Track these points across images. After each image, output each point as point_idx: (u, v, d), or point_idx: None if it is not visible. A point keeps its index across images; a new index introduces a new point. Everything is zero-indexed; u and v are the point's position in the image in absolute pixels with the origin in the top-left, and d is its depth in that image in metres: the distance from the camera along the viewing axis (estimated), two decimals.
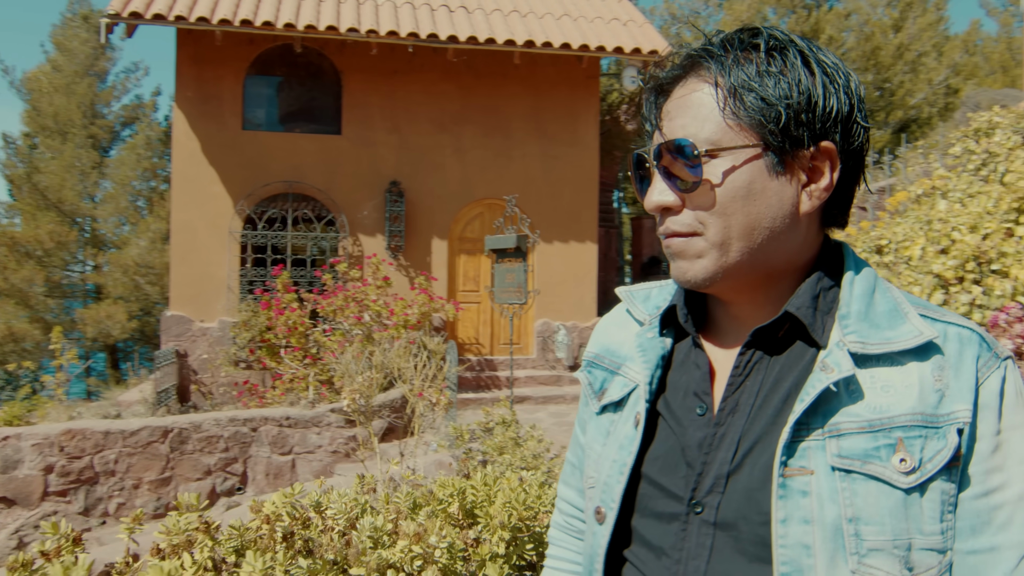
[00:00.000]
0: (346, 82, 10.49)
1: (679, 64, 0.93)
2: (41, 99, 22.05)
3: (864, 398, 0.86)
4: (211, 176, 10.01)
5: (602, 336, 1.13)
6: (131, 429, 8.18)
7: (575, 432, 1.20)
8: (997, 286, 5.87)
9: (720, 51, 0.90)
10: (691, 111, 0.89)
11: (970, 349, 0.88)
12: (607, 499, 0.97)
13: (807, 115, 0.87)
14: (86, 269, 23.22)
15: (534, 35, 10.20)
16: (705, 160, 0.88)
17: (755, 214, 0.88)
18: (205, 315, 9.89)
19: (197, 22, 9.18)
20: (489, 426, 5.77)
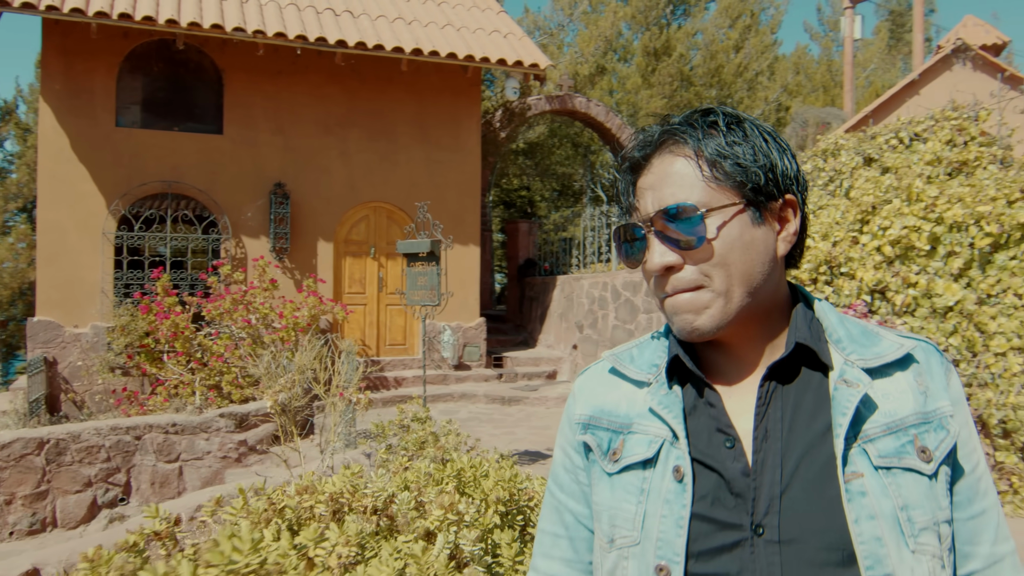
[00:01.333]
0: (227, 81, 10.29)
1: (651, 142, 1.05)
2: None
3: (877, 407, 1.00)
4: (82, 174, 9.53)
5: (591, 398, 1.16)
6: (3, 442, 7.73)
7: (555, 499, 1.19)
8: (846, 286, 6.79)
9: (687, 128, 1.03)
10: (675, 180, 1.01)
11: (934, 357, 1.05)
12: (668, 554, 1.00)
13: (771, 174, 1.02)
14: None
15: (421, 43, 10.46)
16: (702, 219, 0.99)
17: (749, 260, 1.00)
18: (76, 320, 9.40)
19: (71, 13, 8.74)
20: (404, 423, 6.00)
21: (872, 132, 7.91)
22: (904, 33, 29.48)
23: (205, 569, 1.45)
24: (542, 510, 1.23)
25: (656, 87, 20.60)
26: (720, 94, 22.79)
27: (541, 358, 11.54)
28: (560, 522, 1.18)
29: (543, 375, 11.13)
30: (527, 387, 10.46)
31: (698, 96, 21.67)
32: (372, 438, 6.20)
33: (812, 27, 31.41)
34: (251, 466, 8.78)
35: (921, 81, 14.45)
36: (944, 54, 14.16)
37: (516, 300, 14.14)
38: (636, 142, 1.07)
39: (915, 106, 14.02)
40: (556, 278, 12.30)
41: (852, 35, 17.95)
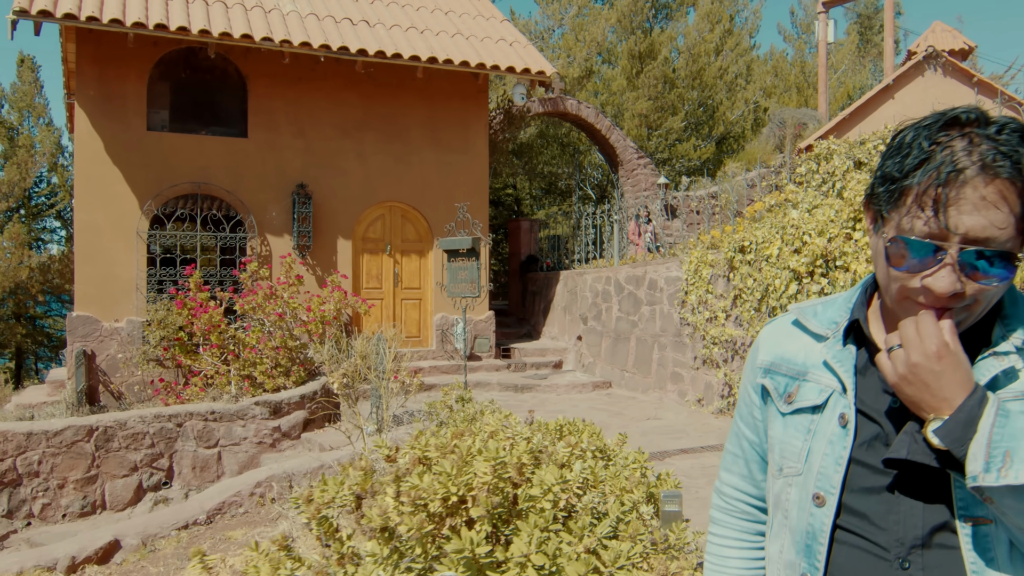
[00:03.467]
0: (251, 87, 10.81)
1: (980, 160, 1.02)
2: None
3: (1019, 379, 1.07)
4: (116, 176, 10.00)
5: (773, 346, 1.33)
6: (54, 429, 8.20)
7: (736, 427, 1.41)
8: (840, 278, 7.55)
9: (1013, 153, 1.02)
10: (991, 214, 1.01)
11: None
12: (826, 485, 1.16)
13: None
14: None
15: (435, 52, 11.06)
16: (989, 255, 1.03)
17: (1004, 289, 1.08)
18: (113, 315, 9.88)
19: (110, 23, 9.22)
20: (447, 403, 6.63)
21: (861, 138, 8.66)
22: (873, 35, 30.59)
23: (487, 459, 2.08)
24: (728, 435, 1.45)
25: (641, 89, 21.36)
26: (702, 96, 23.61)
27: (547, 349, 12.21)
28: (739, 446, 1.41)
29: (550, 365, 11.81)
30: (536, 376, 11.12)
31: (681, 98, 22.47)
32: (423, 417, 6.80)
33: (786, 29, 32.49)
34: (284, 451, 9.33)
35: (895, 86, 15.33)
36: (916, 60, 15.06)
37: (519, 295, 14.80)
38: (952, 148, 1.04)
39: (890, 109, 14.92)
40: (559, 273, 12.98)
41: (826, 39, 18.79)
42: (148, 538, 6.50)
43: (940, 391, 1.04)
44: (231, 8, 10.53)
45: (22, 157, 21.26)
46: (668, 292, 9.75)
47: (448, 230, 9.31)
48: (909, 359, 1.06)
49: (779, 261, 8.34)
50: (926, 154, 1.04)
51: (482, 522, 2.21)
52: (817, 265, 7.82)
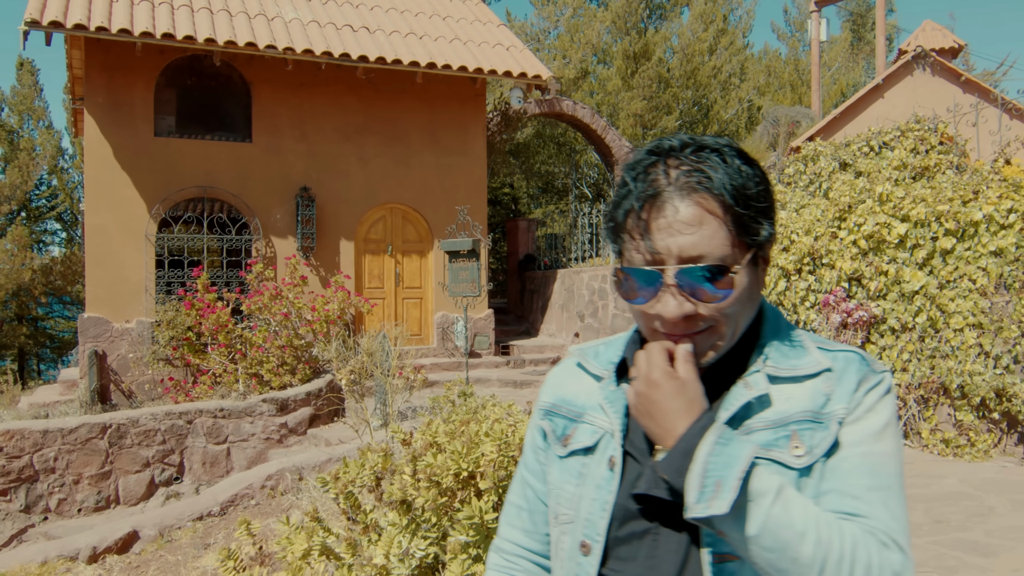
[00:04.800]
0: (255, 93, 11.10)
1: (669, 180, 1.04)
2: None
3: (772, 406, 1.07)
4: (124, 180, 10.28)
5: (557, 388, 1.28)
6: (69, 427, 8.48)
7: (521, 475, 1.32)
8: (827, 275, 7.87)
9: (710, 170, 1.03)
10: (697, 231, 1.02)
11: (853, 365, 1.09)
12: (592, 533, 1.12)
13: (774, 218, 1.07)
14: None
15: (434, 57, 11.35)
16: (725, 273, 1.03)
17: (750, 306, 1.08)
18: (123, 316, 10.17)
19: (119, 33, 9.49)
20: (450, 398, 6.93)
21: (846, 140, 8.99)
22: (865, 32, 30.92)
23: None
24: (511, 484, 1.36)
25: (636, 89, 21.66)
26: (696, 95, 23.91)
27: (545, 346, 12.52)
28: (523, 496, 1.31)
29: (548, 361, 12.11)
30: (535, 372, 11.43)
31: (675, 97, 22.78)
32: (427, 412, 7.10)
33: (779, 27, 32.79)
34: (291, 447, 9.62)
35: (885, 85, 15.63)
36: (905, 60, 15.37)
37: (517, 293, 15.11)
38: (647, 175, 1.05)
39: (880, 108, 15.23)
40: (556, 272, 13.29)
41: (819, 37, 19.07)
42: (165, 529, 6.79)
43: (663, 420, 1.02)
44: (235, 16, 10.82)
45: (23, 160, 21.49)
46: None
47: (449, 231, 9.61)
48: (636, 388, 1.06)
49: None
50: (630, 187, 1.06)
51: (489, 493, 2.51)
52: (804, 263, 8.13)
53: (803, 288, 8.11)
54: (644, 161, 1.07)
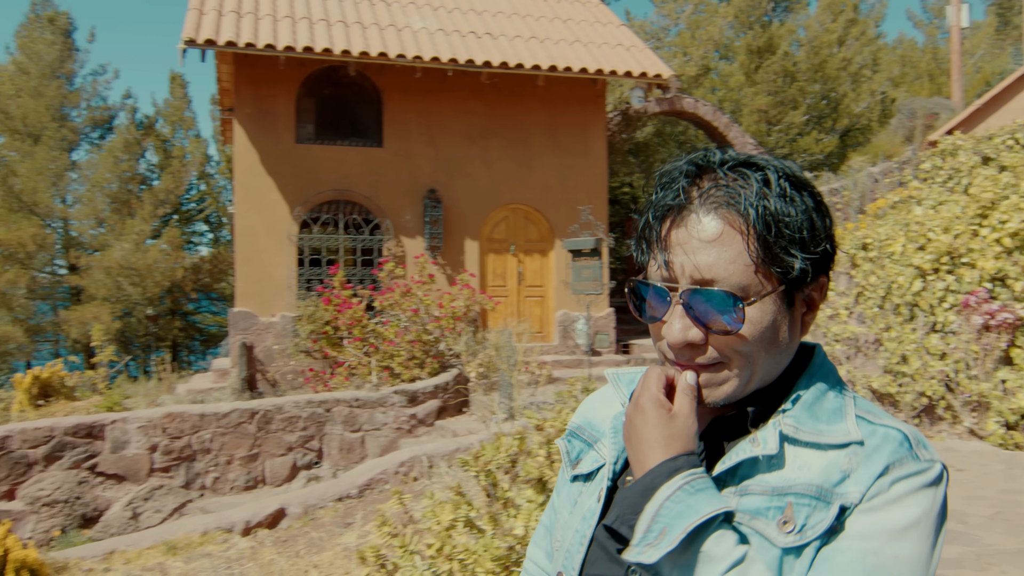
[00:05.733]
0: (386, 100, 11.69)
1: (695, 191, 0.94)
2: (7, 101, 21.98)
3: (782, 470, 0.93)
4: (269, 185, 11.08)
5: (587, 410, 1.20)
6: (223, 412, 9.23)
7: (553, 497, 1.24)
8: (967, 275, 7.54)
9: (737, 187, 0.92)
10: (718, 253, 0.91)
11: (889, 445, 0.92)
12: (568, 566, 1.05)
13: (815, 255, 0.93)
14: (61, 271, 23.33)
15: (555, 60, 11.59)
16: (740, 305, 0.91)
17: (774, 349, 0.94)
18: (269, 310, 10.97)
19: (265, 48, 10.26)
20: (573, 393, 7.13)
21: (989, 133, 8.54)
22: (1013, 16, 28.85)
23: None
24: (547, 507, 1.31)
25: (760, 84, 21.14)
26: (824, 88, 23.07)
27: None
28: (548, 515, 1.24)
29: None
30: None
31: (802, 92, 22.07)
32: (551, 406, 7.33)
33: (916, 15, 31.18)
34: (420, 436, 10.08)
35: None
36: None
37: None
38: (675, 184, 0.96)
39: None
40: None
41: (959, 24, 18.04)
42: (309, 508, 7.33)
43: (639, 449, 0.95)
44: (367, 28, 11.43)
45: (175, 167, 23.30)
46: None
47: (571, 231, 9.82)
48: (627, 411, 1.00)
49: (902, 258, 8.35)
50: (658, 195, 0.98)
51: None
52: (942, 262, 7.81)
53: (941, 289, 7.80)
54: (677, 170, 0.97)
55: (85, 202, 21.60)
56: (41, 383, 9.21)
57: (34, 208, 21.09)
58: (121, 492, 8.75)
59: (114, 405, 9.17)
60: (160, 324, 22.59)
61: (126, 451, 8.82)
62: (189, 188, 25.25)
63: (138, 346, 22.22)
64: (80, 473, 8.50)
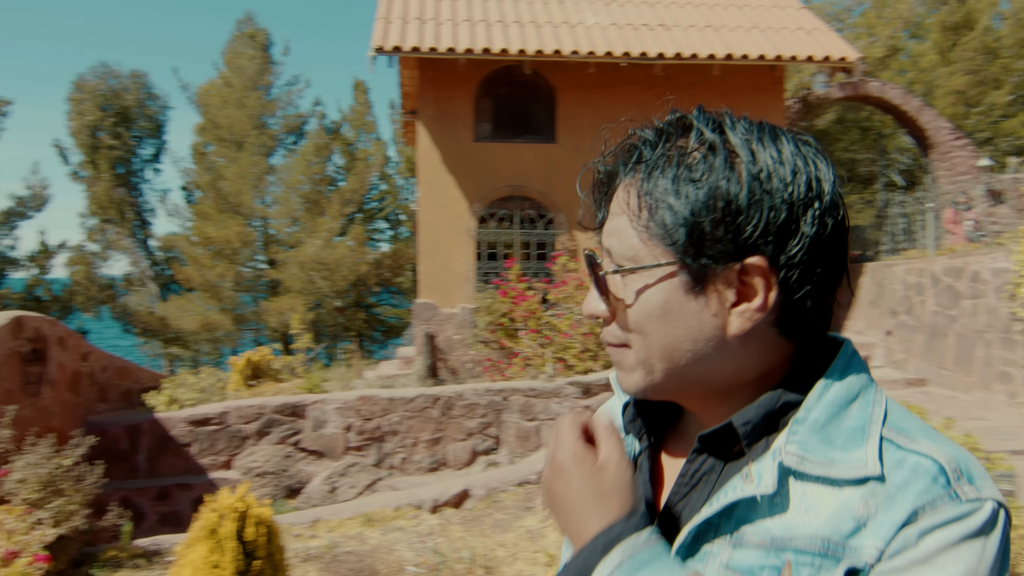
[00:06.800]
0: (560, 96, 11.90)
1: (619, 159, 0.88)
2: (215, 112, 24.21)
3: (785, 512, 0.76)
4: (450, 182, 11.62)
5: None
6: (409, 396, 9.78)
7: None
8: None
9: (651, 149, 0.84)
10: (620, 220, 0.83)
11: (918, 481, 0.73)
12: None
13: (725, 229, 0.77)
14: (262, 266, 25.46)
15: (731, 48, 11.30)
16: (619, 276, 0.83)
17: (673, 336, 0.80)
18: (449, 302, 11.52)
19: (447, 52, 10.76)
20: None
21: None
22: None
23: None
24: None
25: (956, 63, 19.48)
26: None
27: None
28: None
29: None
30: None
31: (1006, 69, 20.11)
32: None
33: None
34: None
35: None
36: None
37: None
38: (609, 154, 0.91)
39: None
40: (863, 265, 12.52)
41: None
42: (491, 491, 7.66)
43: (569, 520, 0.81)
44: (541, 27, 11.67)
45: (359, 168, 24.84)
46: (994, 285, 9.09)
47: None
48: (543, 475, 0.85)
49: None
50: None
51: None
52: None
53: None
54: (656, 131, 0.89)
55: (281, 202, 23.49)
56: (253, 365, 10.20)
57: (238, 209, 23.22)
58: (320, 467, 9.51)
59: (313, 387, 9.97)
60: (346, 315, 24.22)
61: (324, 430, 9.56)
62: (371, 188, 26.82)
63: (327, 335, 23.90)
64: (286, 448, 9.33)
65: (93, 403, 9.51)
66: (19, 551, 3.42)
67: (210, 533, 3.26)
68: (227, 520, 3.29)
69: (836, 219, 0.81)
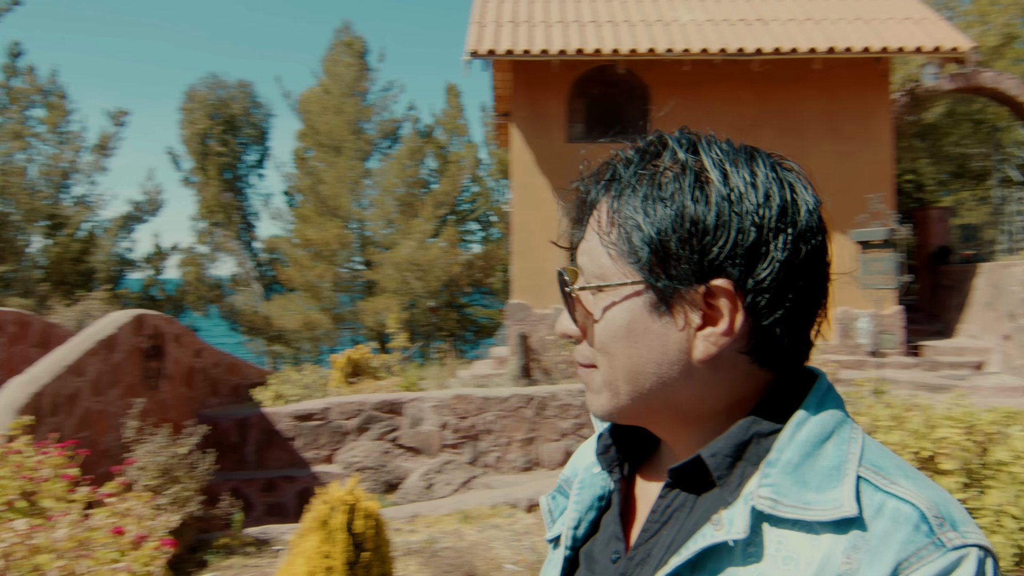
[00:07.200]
0: (653, 95, 11.79)
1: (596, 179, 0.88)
2: (314, 119, 25.03)
3: (760, 562, 0.72)
4: (543, 184, 11.68)
5: (577, 458, 1.01)
6: (503, 396, 9.88)
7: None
8: None
9: (626, 168, 0.84)
10: (592, 239, 0.84)
11: (900, 530, 0.69)
12: None
13: (689, 249, 0.76)
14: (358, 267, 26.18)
15: (833, 41, 10.92)
16: (586, 294, 0.82)
17: (637, 357, 0.79)
18: (542, 303, 11.58)
19: (540, 54, 10.83)
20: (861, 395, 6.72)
21: None
22: None
23: None
24: None
25: None
26: None
27: (964, 348, 11.29)
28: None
29: (968, 365, 10.91)
30: (953, 376, 10.38)
31: None
32: None
33: None
34: None
35: None
36: None
37: (928, 289, 13.80)
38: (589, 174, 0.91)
39: None
40: (976, 266, 11.87)
41: None
42: None
43: None
44: (635, 26, 11.59)
45: (452, 171, 25.26)
46: None
47: (859, 220, 9.21)
48: None
49: None
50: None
51: (954, 474, 2.55)
52: None
53: None
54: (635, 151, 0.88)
55: (377, 205, 24.13)
56: (353, 363, 10.53)
57: (337, 211, 23.99)
58: (417, 464, 9.73)
59: (410, 386, 10.21)
60: (439, 315, 24.66)
61: (421, 427, 9.78)
62: (463, 190, 27.22)
63: (420, 335, 24.39)
64: (384, 444, 9.60)
65: (205, 397, 10.03)
66: (147, 535, 3.65)
67: (321, 524, 3.41)
68: (337, 512, 3.44)
69: (812, 245, 0.80)
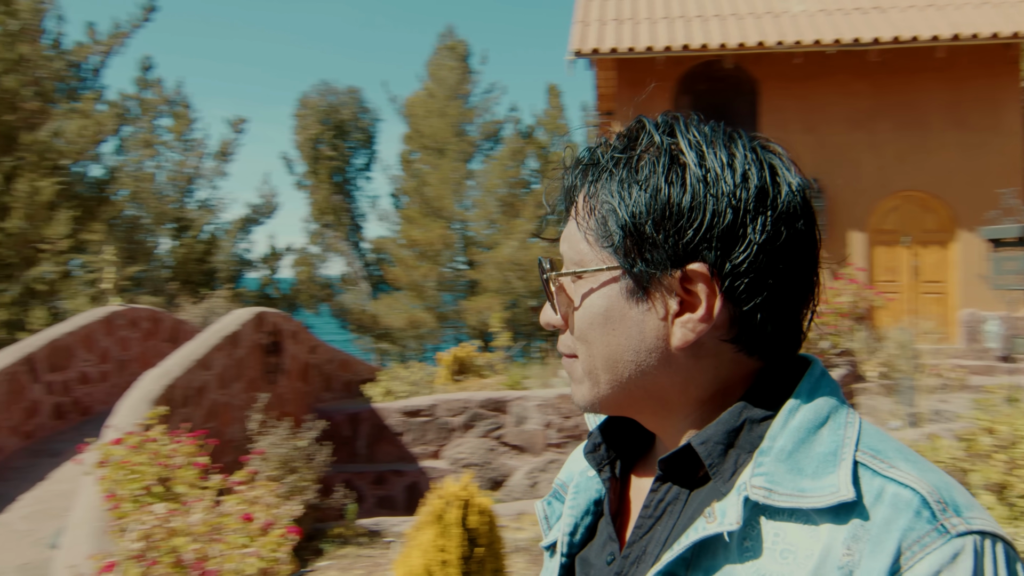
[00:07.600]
0: (762, 90, 11.47)
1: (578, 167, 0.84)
2: (419, 122, 25.56)
3: (758, 558, 0.69)
4: None
5: (571, 461, 0.98)
6: None
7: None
8: None
9: (601, 156, 0.81)
10: (571, 225, 0.82)
11: (901, 516, 0.66)
12: None
13: (664, 233, 0.74)
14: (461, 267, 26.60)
15: (958, 27, 10.34)
16: (565, 282, 0.81)
17: (615, 345, 0.77)
18: None
19: (644, 51, 10.73)
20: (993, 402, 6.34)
21: None
22: None
23: None
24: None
25: None
26: None
27: None
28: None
29: None
30: None
31: None
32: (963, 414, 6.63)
33: None
34: None
35: None
36: None
37: None
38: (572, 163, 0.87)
39: None
40: None
41: None
42: None
43: None
44: (743, 19, 11.30)
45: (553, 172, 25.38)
46: None
47: (989, 217, 8.68)
48: None
49: None
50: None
51: None
52: None
53: None
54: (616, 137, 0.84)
55: (479, 206, 24.47)
56: (459, 361, 10.73)
57: (440, 212, 24.47)
58: (521, 462, 9.82)
59: (514, 384, 10.30)
60: None
61: (526, 425, 9.86)
62: None
63: (522, 334, 24.59)
64: (489, 442, 9.73)
65: (319, 392, 10.45)
66: (273, 522, 3.85)
67: (437, 519, 3.51)
68: (452, 507, 3.53)
69: (794, 229, 0.76)
